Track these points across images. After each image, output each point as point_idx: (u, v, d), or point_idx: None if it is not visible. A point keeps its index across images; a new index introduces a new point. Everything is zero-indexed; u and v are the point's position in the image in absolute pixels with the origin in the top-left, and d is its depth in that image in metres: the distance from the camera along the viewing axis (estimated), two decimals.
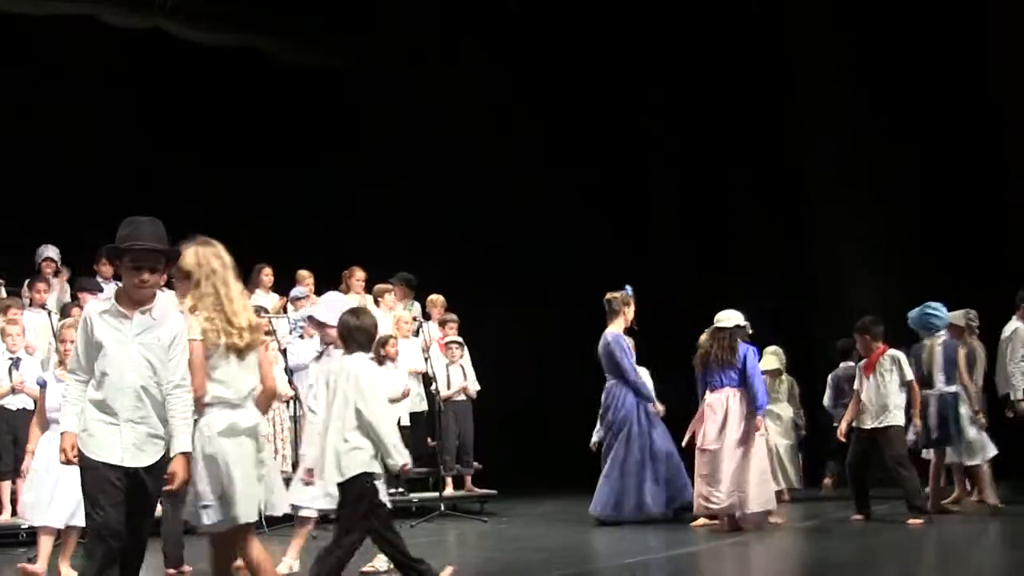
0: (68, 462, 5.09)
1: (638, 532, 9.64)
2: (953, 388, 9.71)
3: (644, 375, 10.60)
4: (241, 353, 5.46)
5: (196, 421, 5.35)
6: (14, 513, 9.59)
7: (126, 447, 5.09)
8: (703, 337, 9.65)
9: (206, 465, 5.32)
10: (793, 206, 14.42)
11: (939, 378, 9.68)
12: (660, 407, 10.40)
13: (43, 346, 10.37)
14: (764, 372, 10.30)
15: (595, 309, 10.64)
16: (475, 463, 12.13)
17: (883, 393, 9.52)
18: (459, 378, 12.02)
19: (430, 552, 7.79)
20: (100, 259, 11.39)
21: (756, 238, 14.61)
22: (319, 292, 12.48)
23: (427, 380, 11.76)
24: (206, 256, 5.49)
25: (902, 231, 13.46)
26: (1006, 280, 11.24)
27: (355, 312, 6.95)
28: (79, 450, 5.08)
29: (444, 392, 11.59)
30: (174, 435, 5.15)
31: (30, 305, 10.74)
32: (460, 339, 12.11)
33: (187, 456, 5.15)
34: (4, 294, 11.14)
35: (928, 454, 10.18)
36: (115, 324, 5.18)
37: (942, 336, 9.79)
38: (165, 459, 5.14)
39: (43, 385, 7.88)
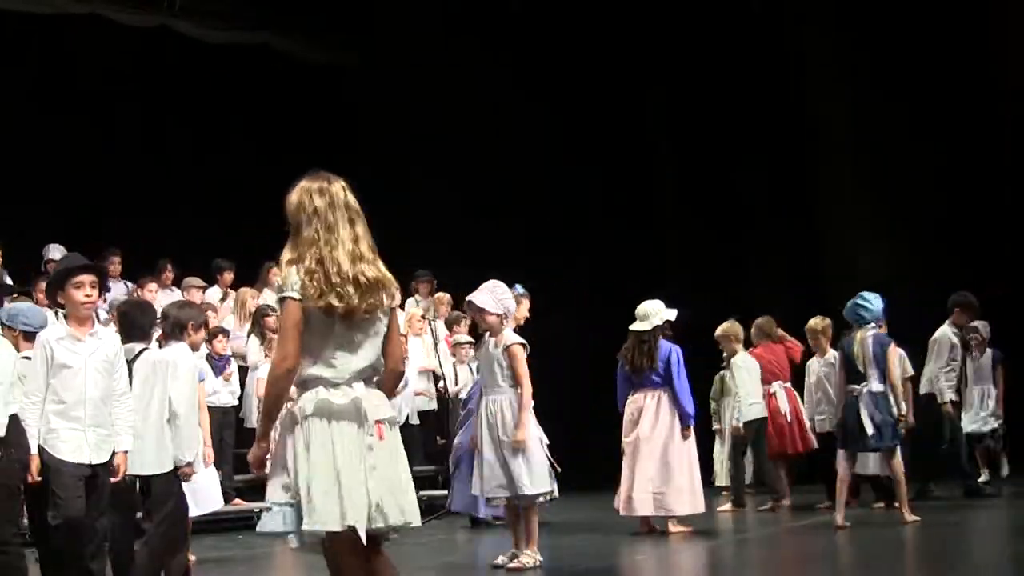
0: None
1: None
2: (881, 387, 9.02)
3: None
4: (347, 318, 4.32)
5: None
6: None
7: None
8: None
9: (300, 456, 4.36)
10: (803, 205, 14.43)
11: (871, 374, 8.98)
12: None
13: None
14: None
15: (600, 307, 10.71)
16: None
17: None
18: (467, 377, 12.06)
19: (440, 550, 7.90)
20: (109, 256, 11.48)
21: (766, 235, 14.61)
22: None
23: (435, 378, 11.80)
24: (307, 193, 4.44)
25: (911, 230, 13.47)
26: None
27: (176, 304, 7.29)
28: None
29: (451, 390, 11.59)
30: None
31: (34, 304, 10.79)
32: (470, 338, 12.15)
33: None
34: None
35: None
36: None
37: (871, 329, 9.11)
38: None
39: None
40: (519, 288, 10.25)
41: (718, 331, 11.06)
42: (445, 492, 11.36)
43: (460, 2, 14.87)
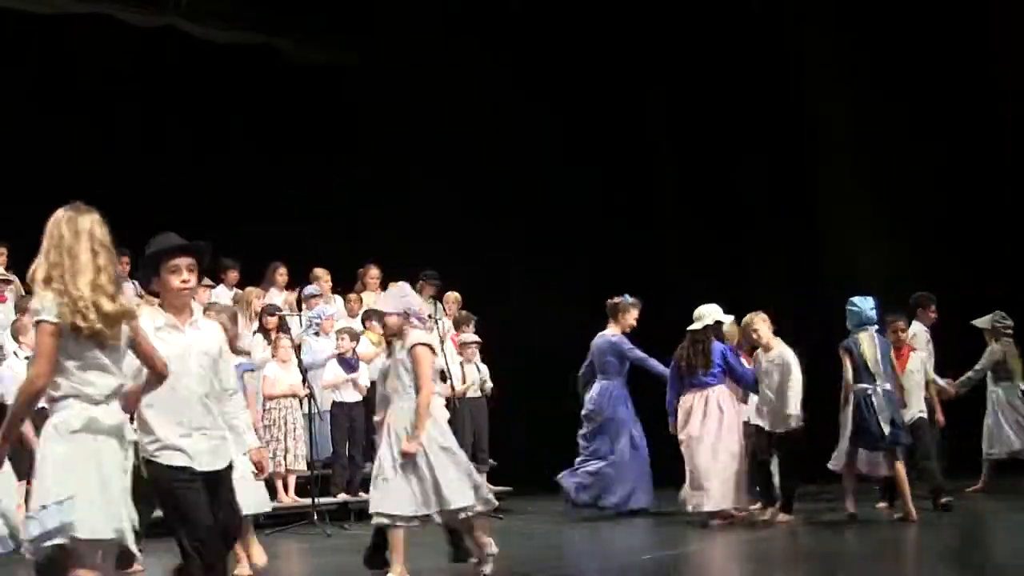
0: None
1: (642, 528, 9.91)
2: (890, 386, 9.35)
3: None
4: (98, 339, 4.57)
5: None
6: None
7: None
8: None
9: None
10: (803, 204, 14.44)
11: (882, 374, 9.25)
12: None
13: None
14: None
15: (600, 307, 10.78)
16: (490, 460, 12.20)
17: None
18: (475, 376, 12.09)
19: (443, 549, 7.85)
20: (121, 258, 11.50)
21: (766, 235, 14.63)
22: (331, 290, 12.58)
23: (442, 377, 11.84)
24: (57, 223, 4.66)
25: (911, 230, 13.47)
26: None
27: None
28: None
29: (458, 389, 11.62)
30: None
31: None
32: (476, 338, 12.16)
33: None
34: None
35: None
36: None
37: (872, 331, 9.42)
38: None
39: None
40: (628, 297, 10.61)
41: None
42: None
43: (460, 2, 14.88)
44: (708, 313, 9.64)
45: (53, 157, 12.90)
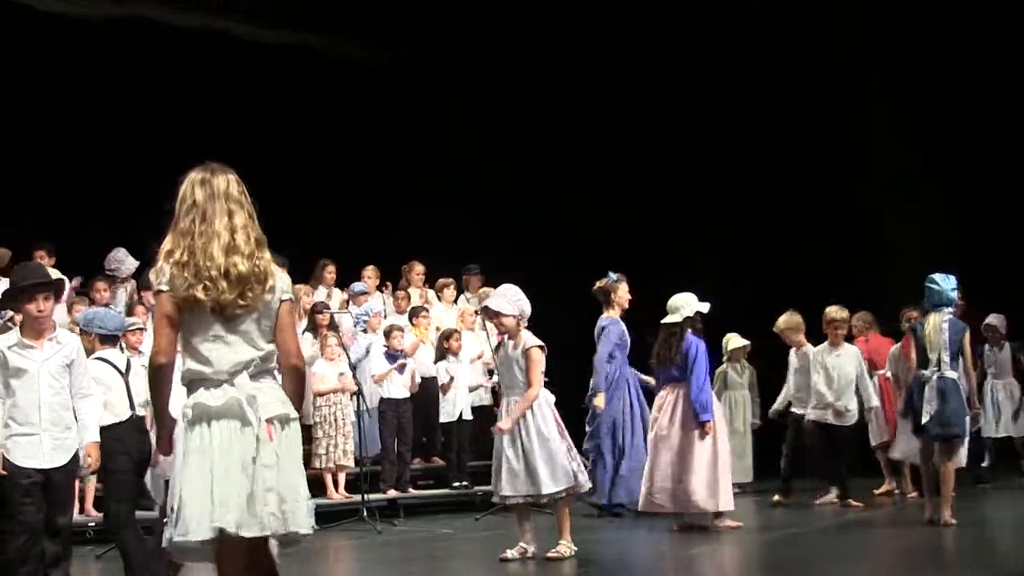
0: None
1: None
2: (954, 374, 8.68)
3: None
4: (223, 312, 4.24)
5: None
6: (82, 510, 9.78)
7: None
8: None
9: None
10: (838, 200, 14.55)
11: (943, 360, 8.64)
12: (599, 403, 10.23)
13: None
14: None
15: (644, 304, 10.71)
16: None
17: None
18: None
19: (496, 544, 8.13)
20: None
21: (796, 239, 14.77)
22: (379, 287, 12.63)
23: (491, 371, 11.89)
24: (191, 184, 4.42)
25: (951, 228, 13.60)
26: None
27: None
28: None
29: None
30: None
31: (92, 304, 10.85)
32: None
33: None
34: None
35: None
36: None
37: (947, 314, 8.76)
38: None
39: None
40: (611, 275, 10.41)
41: (780, 323, 11.12)
42: None
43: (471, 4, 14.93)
44: (685, 304, 9.15)
45: (101, 160, 12.94)
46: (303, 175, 14.09)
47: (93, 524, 9.36)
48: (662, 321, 9.25)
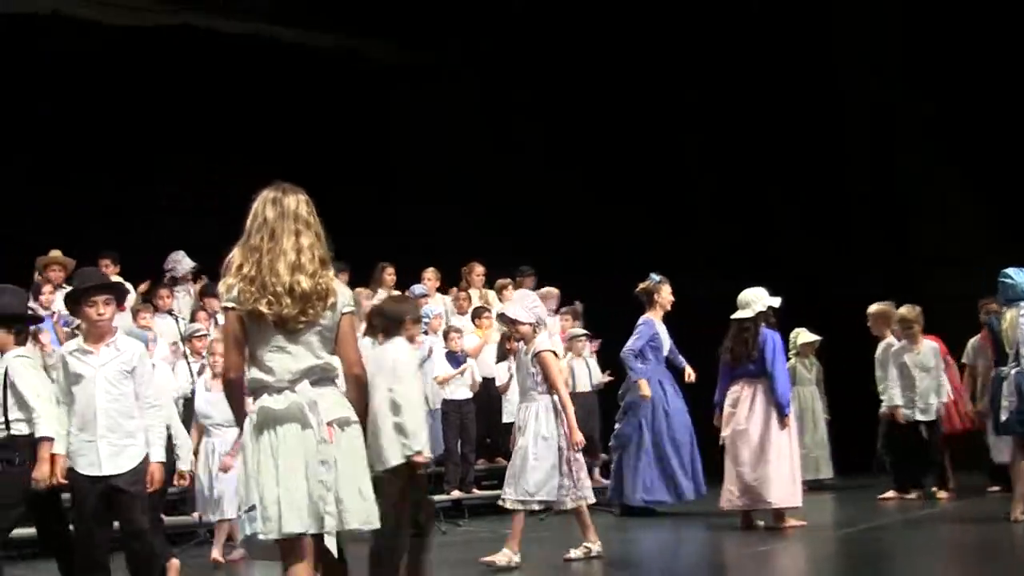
0: None
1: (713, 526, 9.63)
2: None
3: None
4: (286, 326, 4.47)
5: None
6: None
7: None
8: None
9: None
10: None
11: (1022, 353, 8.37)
12: (645, 390, 10.29)
13: (171, 350, 10.60)
14: None
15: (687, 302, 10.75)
16: (602, 454, 12.11)
17: None
18: (583, 371, 12.02)
19: (559, 543, 8.19)
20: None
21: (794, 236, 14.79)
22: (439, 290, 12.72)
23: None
24: (263, 202, 4.64)
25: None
26: None
27: (391, 299, 7.80)
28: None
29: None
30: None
31: (156, 311, 10.96)
32: (585, 331, 12.10)
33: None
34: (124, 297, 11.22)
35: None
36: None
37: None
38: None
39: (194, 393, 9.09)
40: (654, 276, 10.42)
41: (871, 309, 11.12)
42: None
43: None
44: (756, 299, 9.15)
45: (158, 168, 13.05)
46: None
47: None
48: (732, 317, 9.27)
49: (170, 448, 6.91)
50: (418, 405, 6.72)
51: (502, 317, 8.18)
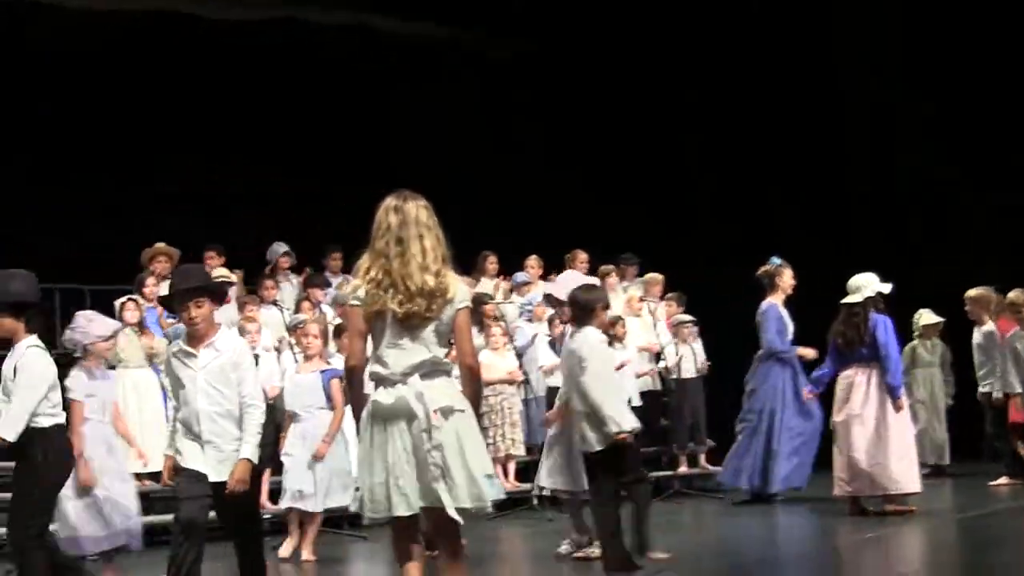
0: None
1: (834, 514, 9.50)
2: None
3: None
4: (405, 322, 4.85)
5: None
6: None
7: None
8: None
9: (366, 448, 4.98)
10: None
11: None
12: (808, 352, 10.25)
13: (274, 342, 10.65)
14: None
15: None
16: (709, 440, 12.09)
17: None
18: (689, 356, 11.96)
19: (665, 530, 8.12)
20: (330, 255, 12.17)
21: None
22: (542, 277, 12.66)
23: (656, 358, 11.93)
24: (386, 210, 4.99)
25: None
26: None
27: (582, 288, 7.50)
28: None
29: (672, 364, 11.67)
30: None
31: (262, 302, 11.01)
32: (691, 317, 12.06)
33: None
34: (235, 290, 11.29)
35: None
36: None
37: None
38: None
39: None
40: (775, 259, 10.35)
41: (971, 293, 11.10)
42: (670, 472, 11.65)
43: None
44: (867, 283, 9.12)
45: (262, 159, 13.23)
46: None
47: (269, 516, 9.48)
48: (842, 302, 9.22)
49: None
50: (613, 389, 7.07)
51: (549, 298, 7.99)
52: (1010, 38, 13.59)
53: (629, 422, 7.04)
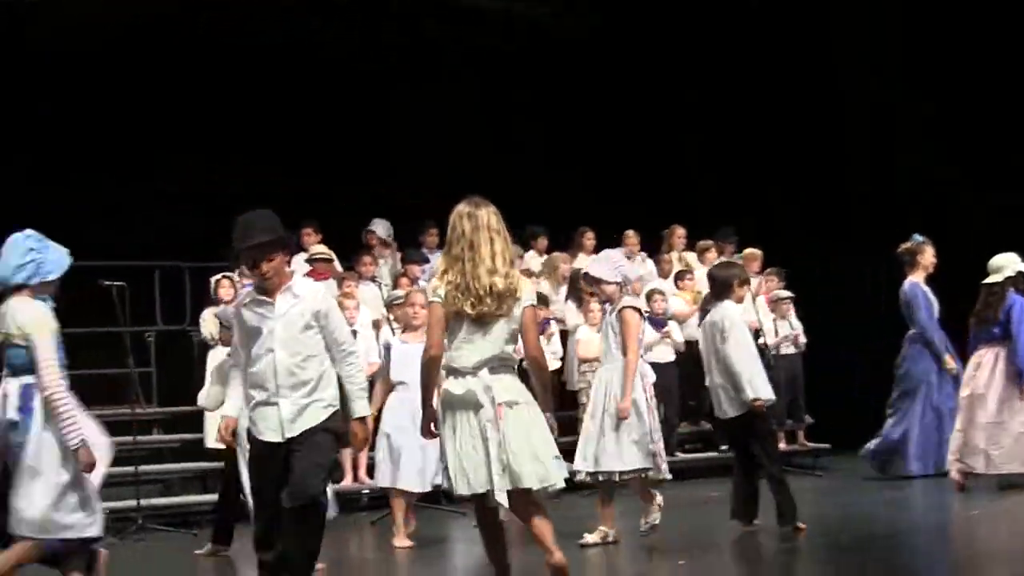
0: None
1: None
2: None
3: None
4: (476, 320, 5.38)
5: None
6: (355, 479, 10.18)
7: None
8: None
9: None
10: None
11: None
12: (952, 364, 10.18)
13: (374, 317, 10.74)
14: None
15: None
16: (807, 417, 12.09)
17: None
18: (788, 332, 12.05)
19: (763, 507, 8.16)
20: (427, 230, 12.41)
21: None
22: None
23: (755, 334, 11.81)
24: (459, 216, 5.55)
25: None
26: None
27: (719, 265, 8.30)
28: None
29: (771, 342, 11.65)
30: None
31: (360, 278, 11.14)
32: (790, 293, 12.06)
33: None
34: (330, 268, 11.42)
35: None
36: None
37: None
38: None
39: (388, 348, 8.55)
40: (917, 237, 10.35)
41: None
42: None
43: None
44: (1008, 263, 9.16)
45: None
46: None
47: (367, 491, 9.63)
48: (983, 282, 9.24)
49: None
50: (749, 358, 7.57)
51: (587, 277, 7.95)
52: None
53: (766, 391, 7.48)
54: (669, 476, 7.74)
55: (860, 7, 14.79)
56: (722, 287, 7.66)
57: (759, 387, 7.52)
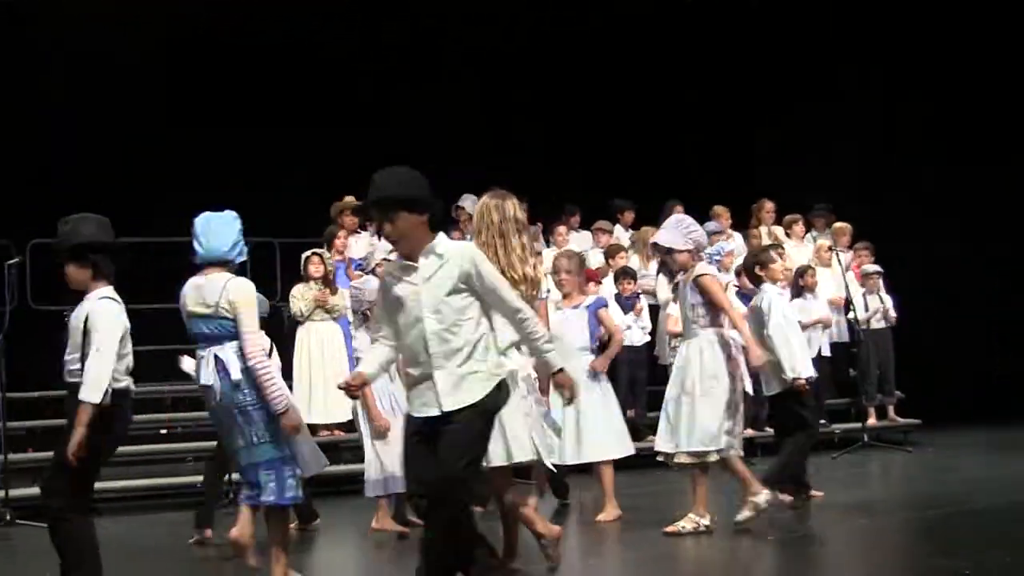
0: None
1: None
2: None
3: None
4: None
5: None
6: None
7: None
8: None
9: None
10: None
11: None
12: None
13: None
14: None
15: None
16: (897, 392, 12.05)
17: None
18: (878, 306, 11.97)
19: (853, 483, 8.41)
20: (568, 218, 12.71)
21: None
22: (733, 227, 12.73)
23: (845, 309, 11.84)
24: (487, 207, 5.86)
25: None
26: None
27: (756, 249, 8.66)
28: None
29: (863, 317, 11.62)
30: None
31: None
32: (879, 268, 12.03)
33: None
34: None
35: None
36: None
37: None
38: None
39: None
40: None
41: None
42: (858, 424, 11.49)
43: None
44: None
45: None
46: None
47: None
48: None
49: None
50: (792, 338, 7.86)
51: (656, 246, 7.33)
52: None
53: (806, 370, 7.73)
54: (741, 452, 7.25)
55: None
56: (752, 275, 8.30)
57: (799, 367, 7.83)
